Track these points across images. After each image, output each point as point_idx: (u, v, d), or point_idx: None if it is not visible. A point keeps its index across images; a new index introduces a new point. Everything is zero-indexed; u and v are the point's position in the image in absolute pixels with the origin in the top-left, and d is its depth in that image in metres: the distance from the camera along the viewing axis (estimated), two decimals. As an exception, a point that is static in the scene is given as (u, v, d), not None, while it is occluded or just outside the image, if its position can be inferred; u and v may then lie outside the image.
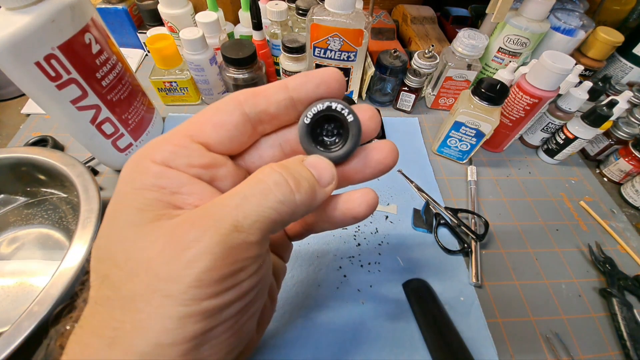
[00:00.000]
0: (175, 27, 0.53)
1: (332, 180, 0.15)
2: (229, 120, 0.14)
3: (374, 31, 0.58)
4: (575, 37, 0.47)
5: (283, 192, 0.13)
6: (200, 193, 0.14)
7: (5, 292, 0.32)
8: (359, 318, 0.32)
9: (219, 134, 0.14)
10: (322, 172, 0.15)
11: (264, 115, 0.15)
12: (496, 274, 0.37)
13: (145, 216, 0.12)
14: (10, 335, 0.23)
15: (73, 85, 0.31)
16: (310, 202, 0.14)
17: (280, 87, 0.14)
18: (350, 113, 0.15)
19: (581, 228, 0.42)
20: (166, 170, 0.13)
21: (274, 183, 0.13)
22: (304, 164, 0.14)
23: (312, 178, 0.14)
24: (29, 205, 0.37)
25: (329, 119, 0.15)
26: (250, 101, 0.14)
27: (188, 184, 0.13)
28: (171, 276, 0.11)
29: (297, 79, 0.14)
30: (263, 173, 0.13)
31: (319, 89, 0.15)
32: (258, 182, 0.13)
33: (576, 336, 0.33)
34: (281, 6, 0.49)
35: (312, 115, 0.15)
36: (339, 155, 0.15)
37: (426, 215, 0.40)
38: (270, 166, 0.14)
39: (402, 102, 0.53)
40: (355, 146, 0.15)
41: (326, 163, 0.15)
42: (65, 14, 0.28)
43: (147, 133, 0.43)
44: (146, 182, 0.13)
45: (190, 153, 0.14)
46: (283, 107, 0.15)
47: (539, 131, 0.48)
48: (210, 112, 0.14)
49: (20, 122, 0.49)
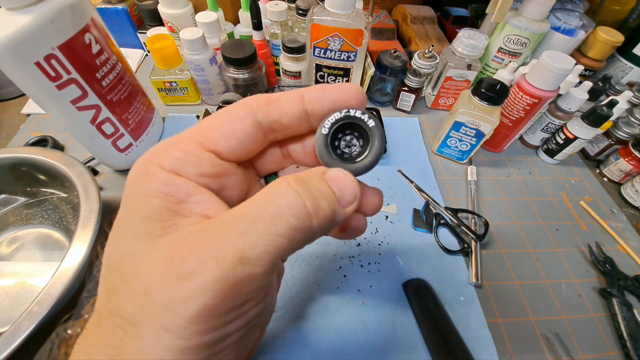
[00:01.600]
0: (175, 27, 0.53)
1: (355, 199, 0.13)
2: (240, 128, 0.13)
3: (374, 31, 0.58)
4: (575, 37, 0.47)
5: (298, 216, 0.11)
6: (207, 202, 0.13)
7: (5, 292, 0.32)
8: (359, 318, 0.32)
9: (230, 142, 0.13)
10: (345, 188, 0.13)
11: (275, 125, 0.14)
12: (496, 274, 0.37)
13: (152, 227, 0.12)
14: (10, 335, 0.23)
15: (73, 85, 0.31)
16: (329, 226, 0.13)
17: (296, 97, 0.14)
18: (371, 118, 0.14)
19: (581, 228, 0.42)
20: (174, 178, 0.13)
21: (288, 205, 0.11)
22: (324, 178, 0.13)
23: (333, 197, 0.13)
24: (29, 205, 0.38)
25: (347, 128, 0.14)
26: (264, 109, 0.14)
27: (196, 193, 0.13)
28: (169, 308, 0.10)
29: (314, 91, 0.14)
30: (277, 190, 0.12)
31: (335, 106, 0.14)
32: (269, 202, 0.12)
33: (576, 336, 0.33)
34: (281, 6, 0.49)
35: (331, 125, 0.13)
36: (364, 165, 0.14)
37: (426, 215, 0.40)
38: (286, 180, 0.12)
39: (402, 102, 0.53)
40: (380, 154, 0.14)
41: (349, 179, 0.13)
42: (65, 14, 0.28)
43: (147, 133, 0.43)
44: (152, 189, 0.12)
45: (201, 162, 0.13)
46: (296, 119, 0.14)
47: (539, 131, 0.48)
48: (221, 117, 0.14)
49: (20, 122, 0.49)
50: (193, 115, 0.50)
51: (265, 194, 0.12)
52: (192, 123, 0.49)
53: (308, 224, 0.12)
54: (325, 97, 0.14)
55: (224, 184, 0.14)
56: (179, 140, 0.13)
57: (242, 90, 0.48)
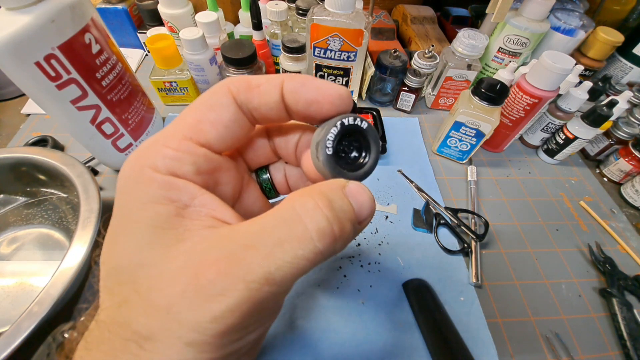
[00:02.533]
0: (175, 27, 0.53)
1: (370, 215, 0.13)
2: (226, 116, 0.13)
3: (374, 31, 0.58)
4: (575, 37, 0.47)
5: (324, 241, 0.11)
6: (211, 203, 0.13)
7: (5, 292, 0.32)
8: (359, 318, 0.32)
9: (218, 132, 0.13)
10: (364, 204, 0.13)
11: (255, 113, 0.13)
12: (496, 274, 0.37)
13: (164, 235, 0.12)
14: (10, 335, 0.23)
15: (73, 85, 0.31)
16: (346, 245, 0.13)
17: (276, 85, 0.13)
18: (363, 121, 0.14)
19: (581, 228, 0.42)
20: (174, 181, 0.12)
21: (318, 231, 0.11)
22: (345, 193, 0.12)
23: (354, 215, 0.12)
24: (29, 205, 0.37)
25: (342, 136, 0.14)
26: (243, 95, 0.13)
27: (199, 195, 0.13)
28: (195, 327, 0.10)
29: (294, 82, 0.13)
30: (302, 206, 0.11)
31: (311, 107, 0.13)
32: (297, 222, 0.11)
33: (576, 336, 0.33)
34: (281, 6, 0.49)
35: (331, 143, 0.13)
36: (370, 165, 0.14)
37: (426, 215, 0.40)
38: (312, 197, 0.12)
39: (402, 102, 0.53)
40: (379, 151, 0.14)
41: (368, 195, 0.13)
42: (65, 14, 0.28)
43: (147, 133, 0.43)
44: (155, 195, 0.12)
45: (196, 159, 0.13)
46: (275, 110, 0.13)
47: (539, 131, 0.48)
48: (203, 107, 0.13)
49: (20, 122, 0.49)
50: (193, 115, 0.50)
51: (292, 211, 0.12)
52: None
53: (332, 248, 0.11)
54: (301, 93, 0.13)
55: (218, 180, 0.14)
56: (167, 137, 0.13)
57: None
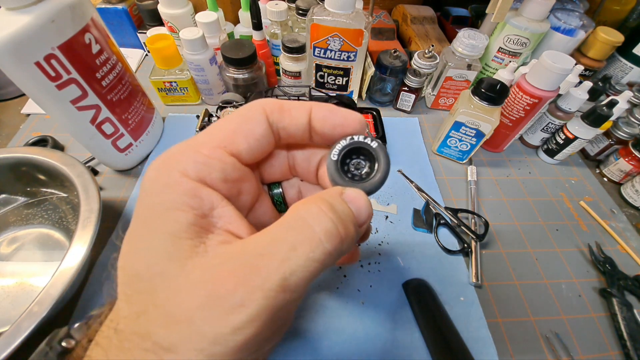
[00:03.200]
0: (175, 27, 0.53)
1: (368, 218, 0.14)
2: (258, 130, 0.14)
3: (374, 31, 0.58)
4: (575, 37, 0.47)
5: (333, 241, 0.12)
6: (228, 216, 0.13)
7: (5, 292, 0.32)
8: (359, 318, 0.32)
9: (249, 144, 0.14)
10: (361, 208, 0.13)
11: (283, 132, 0.15)
12: (496, 274, 0.37)
13: (181, 246, 0.12)
14: (10, 335, 0.23)
15: (73, 85, 0.31)
16: (350, 248, 0.13)
17: (305, 110, 0.14)
18: (374, 140, 0.15)
19: (581, 228, 0.42)
20: (200, 188, 0.12)
21: (324, 231, 0.12)
22: (344, 198, 0.13)
23: (354, 218, 0.13)
24: (29, 205, 0.37)
25: (352, 153, 0.15)
26: (276, 115, 0.14)
27: (219, 206, 0.13)
28: (216, 340, 0.11)
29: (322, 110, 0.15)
30: (308, 212, 0.12)
31: (336, 129, 0.15)
32: (306, 227, 0.12)
33: (576, 336, 0.33)
34: (281, 6, 0.49)
35: (339, 151, 0.15)
36: (375, 183, 0.15)
37: (426, 215, 0.40)
38: (316, 204, 0.12)
39: (402, 102, 0.53)
40: (387, 170, 0.15)
41: (365, 200, 0.14)
42: (65, 14, 0.28)
43: (147, 133, 0.43)
44: (178, 200, 0.12)
45: (225, 166, 0.13)
46: (302, 131, 0.15)
47: (539, 131, 0.48)
48: (238, 120, 0.14)
49: (20, 122, 0.49)
50: (193, 116, 0.50)
51: (299, 218, 0.12)
52: (193, 123, 0.49)
53: (340, 248, 0.12)
54: (330, 119, 0.14)
55: (241, 190, 0.15)
56: (199, 144, 0.13)
57: (242, 90, 0.48)
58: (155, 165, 0.13)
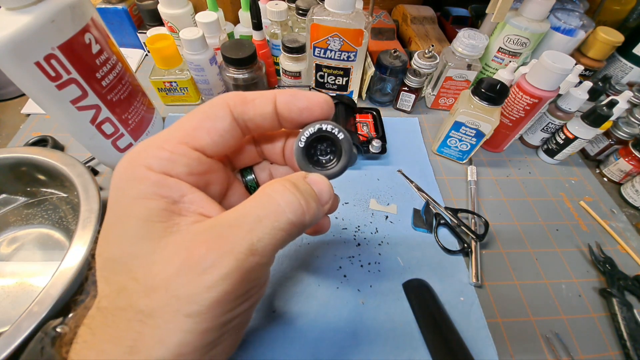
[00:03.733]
0: (175, 27, 0.53)
1: (330, 199, 0.15)
2: (221, 126, 0.14)
3: (374, 31, 0.58)
4: (575, 37, 0.47)
5: (295, 213, 0.13)
6: (200, 201, 0.14)
7: (5, 292, 0.32)
8: (359, 318, 0.32)
9: (213, 140, 0.14)
10: (322, 189, 0.15)
11: (250, 123, 0.15)
12: (496, 274, 0.37)
13: (154, 228, 0.13)
14: (10, 335, 0.23)
15: (73, 85, 0.31)
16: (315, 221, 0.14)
17: (269, 99, 0.15)
18: (341, 131, 0.15)
19: (581, 228, 0.42)
20: (166, 179, 0.13)
21: (287, 204, 0.13)
22: (307, 180, 0.15)
23: (316, 196, 0.14)
24: (29, 205, 0.37)
25: (321, 140, 0.16)
26: (239, 108, 0.15)
27: (188, 193, 0.14)
28: (192, 299, 0.12)
29: (285, 95, 0.15)
30: (274, 190, 0.13)
31: (302, 113, 0.15)
32: (270, 201, 0.13)
33: (576, 336, 0.33)
34: (281, 6, 0.49)
35: (305, 138, 0.15)
36: (336, 171, 0.16)
37: (426, 215, 0.40)
38: (281, 183, 0.14)
39: (402, 102, 0.53)
40: (349, 161, 0.16)
41: (326, 182, 0.15)
42: (65, 14, 0.28)
43: (147, 133, 0.43)
44: (146, 191, 0.13)
45: (190, 161, 0.14)
46: (269, 120, 0.15)
47: (539, 131, 0.48)
48: (200, 117, 0.14)
49: (20, 122, 0.49)
50: (193, 115, 0.50)
51: (265, 195, 0.13)
52: (192, 123, 0.49)
53: (302, 219, 0.13)
54: (293, 102, 0.15)
55: (209, 180, 0.15)
56: (162, 140, 0.14)
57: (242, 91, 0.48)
58: (122, 162, 0.14)
